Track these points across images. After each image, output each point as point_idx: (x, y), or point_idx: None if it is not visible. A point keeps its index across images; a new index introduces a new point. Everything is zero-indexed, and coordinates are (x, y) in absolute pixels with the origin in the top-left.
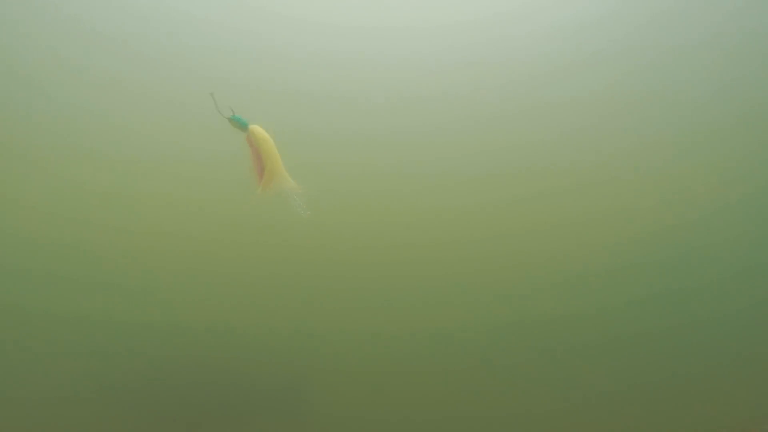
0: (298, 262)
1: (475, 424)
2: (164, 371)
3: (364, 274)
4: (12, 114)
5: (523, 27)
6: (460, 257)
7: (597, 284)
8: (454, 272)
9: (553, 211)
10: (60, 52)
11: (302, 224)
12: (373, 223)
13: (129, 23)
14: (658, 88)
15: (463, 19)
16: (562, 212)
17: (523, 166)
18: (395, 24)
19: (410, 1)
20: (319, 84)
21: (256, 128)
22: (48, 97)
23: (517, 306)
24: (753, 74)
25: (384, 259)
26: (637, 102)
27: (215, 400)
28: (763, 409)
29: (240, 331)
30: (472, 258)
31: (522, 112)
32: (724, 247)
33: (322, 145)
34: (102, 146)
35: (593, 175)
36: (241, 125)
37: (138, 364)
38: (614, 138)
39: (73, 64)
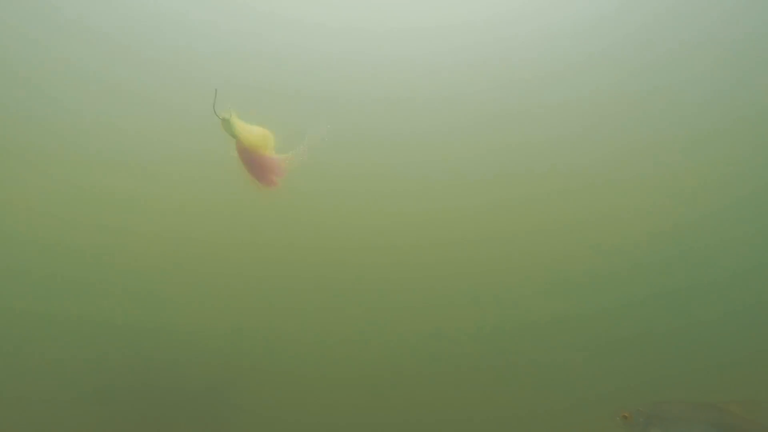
0: (295, 265)
1: (476, 427)
2: (152, 373)
3: (364, 276)
4: (12, 116)
5: (520, 29)
6: (460, 259)
7: (599, 285)
8: (452, 274)
9: (554, 212)
10: (60, 55)
11: (299, 224)
12: (373, 224)
13: (130, 25)
14: (658, 89)
15: (463, 21)
16: (564, 214)
17: (523, 167)
18: (396, 26)
19: (408, 4)
20: (320, 86)
21: (245, 134)
22: (48, 99)
23: (515, 308)
24: (753, 75)
25: (384, 261)
26: (637, 103)
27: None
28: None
29: (240, 333)
30: (472, 260)
31: (521, 113)
32: (726, 247)
33: (323, 147)
34: (102, 149)
35: (593, 176)
36: (232, 132)
37: (127, 365)
38: (615, 139)
39: (74, 66)
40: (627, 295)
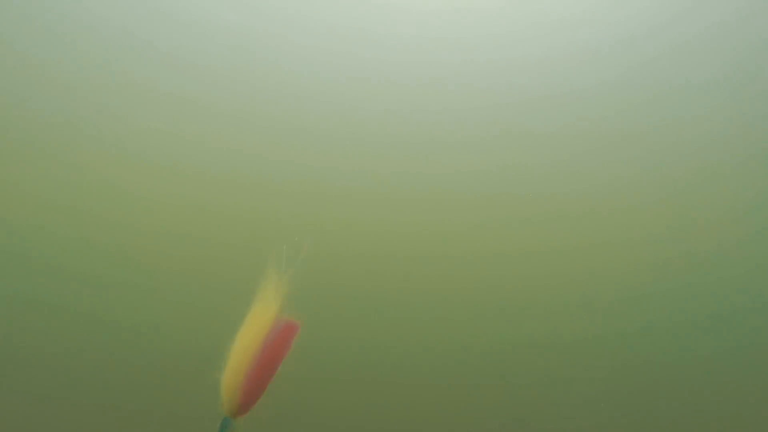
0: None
1: None
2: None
3: (368, 284)
4: (26, 108)
5: (524, 50)
6: (472, 274)
7: (610, 310)
8: (463, 289)
9: (562, 235)
10: (77, 49)
11: (307, 231)
12: (379, 234)
13: (147, 21)
14: (668, 120)
15: (462, 35)
16: (572, 237)
17: (535, 189)
18: (398, 32)
19: (407, 15)
20: (322, 90)
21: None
22: (68, 94)
23: (524, 328)
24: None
25: (391, 271)
26: (647, 132)
27: None
28: None
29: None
30: (487, 276)
31: (530, 135)
32: (736, 280)
33: (323, 152)
34: (113, 144)
35: (606, 201)
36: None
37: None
38: (624, 165)
39: (90, 61)
40: (642, 321)
